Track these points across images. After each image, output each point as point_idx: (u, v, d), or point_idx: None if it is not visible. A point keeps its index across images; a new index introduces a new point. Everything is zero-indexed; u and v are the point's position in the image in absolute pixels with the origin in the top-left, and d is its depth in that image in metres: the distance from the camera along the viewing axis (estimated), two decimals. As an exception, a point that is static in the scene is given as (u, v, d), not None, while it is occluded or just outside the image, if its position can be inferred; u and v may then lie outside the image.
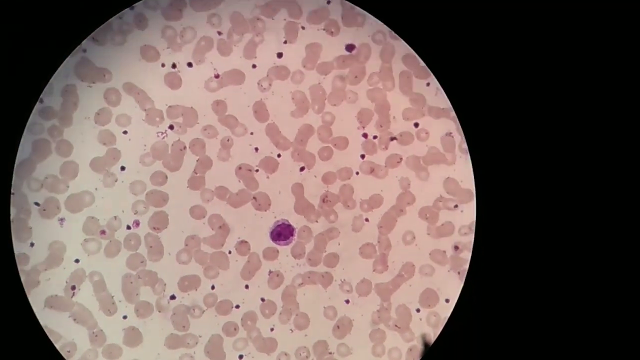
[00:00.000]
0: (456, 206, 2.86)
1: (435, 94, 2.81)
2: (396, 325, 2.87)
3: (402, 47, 2.78)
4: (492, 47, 2.60)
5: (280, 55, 2.84)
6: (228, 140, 2.87)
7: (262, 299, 2.88)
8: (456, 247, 2.86)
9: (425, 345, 2.79)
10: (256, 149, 2.88)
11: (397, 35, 2.74)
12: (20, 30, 2.54)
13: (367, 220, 2.89)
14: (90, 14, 2.61)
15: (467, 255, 2.80)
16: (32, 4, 2.53)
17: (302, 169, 2.89)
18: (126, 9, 2.72)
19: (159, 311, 2.84)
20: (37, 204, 2.77)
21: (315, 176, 2.89)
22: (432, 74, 2.74)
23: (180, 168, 2.85)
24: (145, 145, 2.83)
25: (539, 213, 2.60)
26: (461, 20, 2.60)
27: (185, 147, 2.84)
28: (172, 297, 2.84)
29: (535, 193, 2.61)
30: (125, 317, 2.82)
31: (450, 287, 2.84)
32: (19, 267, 2.67)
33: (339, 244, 2.90)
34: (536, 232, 2.60)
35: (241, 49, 2.83)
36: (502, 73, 2.60)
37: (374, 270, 2.89)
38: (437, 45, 2.63)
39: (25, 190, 2.75)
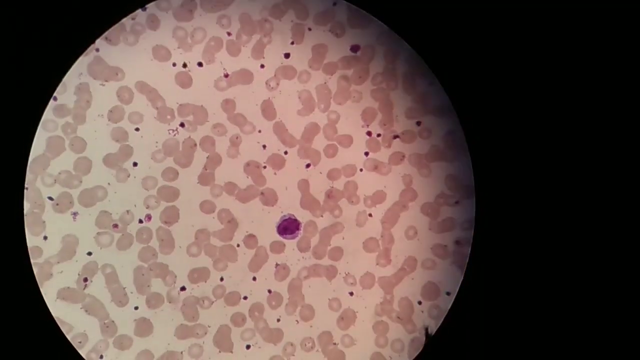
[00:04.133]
0: (457, 202, 2.82)
1: (437, 94, 2.76)
2: (399, 317, 2.83)
3: (404, 49, 2.74)
4: (492, 48, 2.55)
5: (287, 55, 2.80)
6: (237, 137, 2.82)
7: (269, 291, 2.84)
8: (457, 242, 2.82)
9: (427, 336, 2.77)
10: (264, 146, 2.83)
11: (399, 37, 2.70)
12: (35, 29, 2.48)
13: (370, 215, 2.85)
14: (104, 14, 2.55)
15: (467, 249, 2.75)
16: (46, 3, 2.50)
17: (308, 165, 2.85)
18: (139, 10, 2.66)
19: (170, 302, 2.79)
20: (50, 198, 2.71)
21: (321, 173, 2.85)
22: (434, 74, 2.70)
23: (191, 164, 2.80)
24: (157, 142, 2.78)
25: (537, 210, 2.56)
26: (462, 23, 2.55)
27: (195, 144, 2.80)
28: (183, 289, 2.80)
29: (532, 190, 2.56)
30: (136, 308, 2.77)
31: (451, 281, 2.80)
32: (32, 260, 2.62)
33: (344, 238, 2.86)
34: (534, 228, 2.56)
35: (250, 50, 2.78)
36: (501, 74, 2.56)
37: (377, 264, 2.84)
38: (438, 47, 2.58)
39: (39, 185, 2.70)
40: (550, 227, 2.58)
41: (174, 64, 2.77)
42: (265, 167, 2.84)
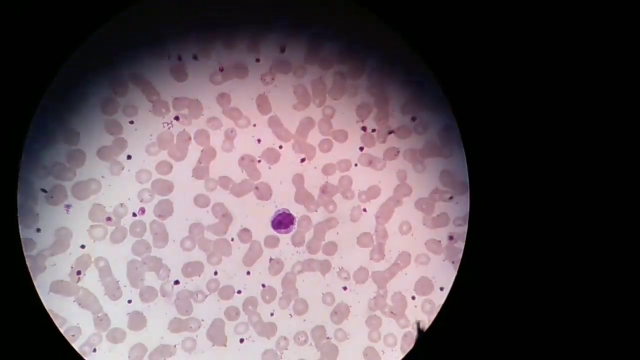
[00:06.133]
0: (451, 198, 2.81)
1: (432, 90, 2.73)
2: (392, 312, 2.81)
3: (401, 44, 2.69)
4: (489, 44, 2.53)
5: (283, 50, 2.76)
6: (232, 131, 2.78)
7: (263, 285, 2.80)
8: (451, 237, 2.80)
9: (420, 331, 2.76)
10: (259, 141, 2.80)
11: (396, 32, 2.66)
12: (30, 19, 2.44)
13: (365, 210, 2.82)
14: (99, 5, 2.51)
15: (461, 245, 2.73)
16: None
17: (302, 160, 2.81)
18: (134, 2, 2.61)
19: (163, 296, 2.75)
20: (44, 190, 2.68)
21: (316, 167, 2.82)
22: (430, 70, 2.66)
23: (185, 158, 2.77)
24: (151, 135, 2.74)
25: (531, 206, 2.54)
26: (459, 18, 2.53)
27: (190, 138, 2.76)
28: (176, 283, 2.76)
29: (527, 186, 2.55)
30: (130, 302, 2.73)
31: (444, 276, 2.77)
32: (25, 253, 2.56)
33: (338, 233, 2.83)
34: (528, 225, 2.54)
35: (245, 44, 2.74)
36: (497, 70, 2.53)
37: (371, 259, 2.81)
38: (435, 42, 2.55)
39: (33, 178, 2.65)
40: (544, 224, 2.56)
41: (169, 57, 2.73)
42: (259, 161, 2.81)
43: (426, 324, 2.75)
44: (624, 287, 2.54)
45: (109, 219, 2.73)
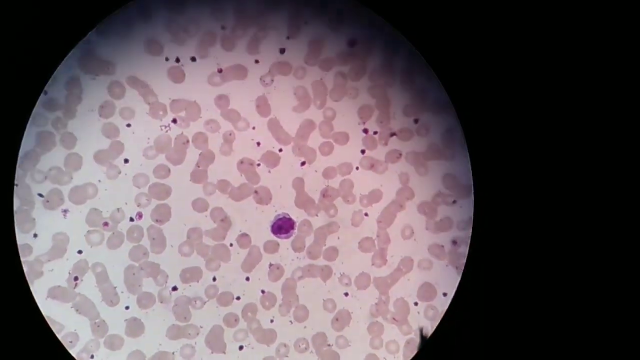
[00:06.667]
0: (454, 201, 2.76)
1: (435, 91, 2.68)
2: (394, 318, 2.76)
3: (403, 44, 2.65)
4: (492, 45, 2.50)
5: (282, 51, 2.71)
6: (230, 134, 2.74)
7: (263, 291, 2.77)
8: (454, 242, 2.75)
9: (423, 338, 2.73)
10: (258, 144, 2.76)
11: (398, 32, 2.62)
12: (26, 21, 2.41)
13: (366, 214, 2.77)
14: (96, 6, 2.48)
15: (464, 250, 2.68)
16: (37, -4, 2.44)
17: (303, 163, 2.77)
18: (131, 2, 2.57)
19: (161, 302, 2.72)
20: (40, 195, 2.64)
21: (316, 171, 2.77)
22: (432, 70, 2.61)
23: (183, 161, 2.73)
24: (148, 139, 2.70)
25: (535, 209, 2.51)
26: (461, 18, 2.49)
27: (188, 141, 2.72)
28: (174, 289, 2.73)
29: (531, 189, 2.52)
30: (127, 308, 2.70)
31: (448, 281, 2.72)
32: (22, 258, 2.55)
33: (339, 238, 2.78)
34: (532, 229, 2.51)
35: (244, 44, 2.69)
36: (501, 71, 2.50)
37: (372, 264, 2.77)
38: (437, 42, 2.51)
39: (29, 182, 2.62)
40: (548, 227, 2.53)
41: (167, 59, 2.69)
42: (259, 164, 2.77)
43: (429, 330, 2.71)
44: (627, 290, 2.50)
45: (105, 224, 2.71)
